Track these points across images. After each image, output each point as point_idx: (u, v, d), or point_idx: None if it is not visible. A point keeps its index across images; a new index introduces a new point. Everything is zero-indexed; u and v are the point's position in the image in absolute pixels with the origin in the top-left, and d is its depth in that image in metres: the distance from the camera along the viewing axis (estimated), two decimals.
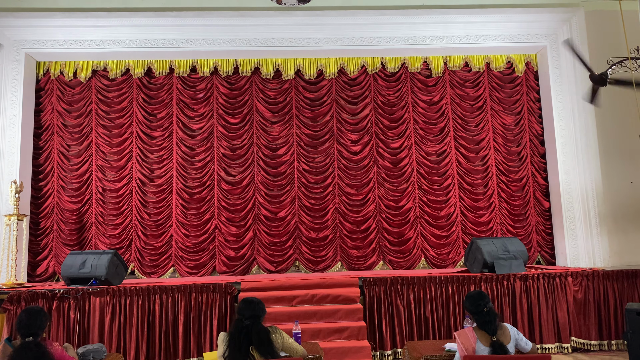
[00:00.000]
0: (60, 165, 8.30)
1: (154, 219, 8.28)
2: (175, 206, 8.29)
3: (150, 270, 8.14)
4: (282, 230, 8.35)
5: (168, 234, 8.26)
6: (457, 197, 8.51)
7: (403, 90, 8.68)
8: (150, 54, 8.25)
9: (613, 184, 7.87)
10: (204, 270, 8.16)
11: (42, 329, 3.70)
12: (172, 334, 6.27)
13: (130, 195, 8.31)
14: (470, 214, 8.49)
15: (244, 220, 8.34)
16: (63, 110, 8.39)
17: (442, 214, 8.47)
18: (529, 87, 8.75)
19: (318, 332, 5.98)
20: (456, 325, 6.41)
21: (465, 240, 8.33)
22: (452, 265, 8.33)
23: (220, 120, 8.50)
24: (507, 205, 8.53)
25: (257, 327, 3.33)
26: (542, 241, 8.47)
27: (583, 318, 6.62)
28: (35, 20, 7.87)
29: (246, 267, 8.20)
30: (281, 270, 8.22)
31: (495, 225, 8.48)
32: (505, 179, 8.56)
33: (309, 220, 8.38)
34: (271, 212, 8.39)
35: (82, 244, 8.16)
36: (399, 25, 8.17)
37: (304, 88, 8.63)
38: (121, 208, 8.28)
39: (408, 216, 8.44)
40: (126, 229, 8.24)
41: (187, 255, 8.20)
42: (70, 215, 8.21)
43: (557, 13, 8.19)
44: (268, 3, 8.12)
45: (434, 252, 8.38)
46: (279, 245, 8.32)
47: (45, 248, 8.12)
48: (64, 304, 6.22)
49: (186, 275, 8.10)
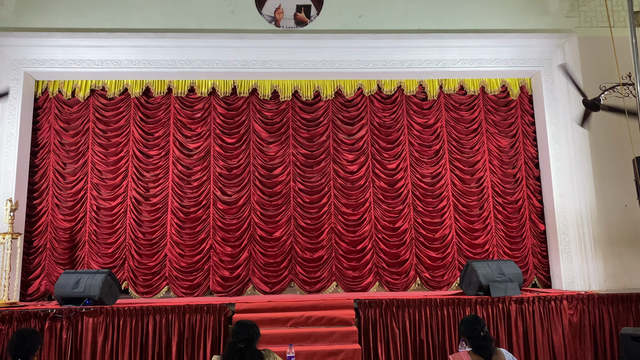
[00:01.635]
0: (55, 183, 8.29)
1: (148, 238, 8.24)
2: (170, 225, 8.27)
3: (144, 290, 8.07)
4: (277, 251, 8.32)
5: (162, 254, 8.21)
6: (452, 218, 8.52)
7: (399, 113, 8.76)
8: (149, 74, 8.31)
9: (607, 207, 7.92)
10: (198, 290, 8.10)
11: (32, 351, 3.63)
12: (165, 356, 6.20)
13: (125, 213, 8.28)
14: (465, 236, 8.49)
15: (239, 240, 8.32)
16: (60, 129, 8.40)
17: (437, 236, 8.48)
18: (524, 110, 8.84)
19: (313, 354, 5.93)
20: (451, 348, 6.38)
21: (461, 262, 8.32)
22: (446, 287, 8.30)
23: (217, 140, 8.54)
24: (503, 227, 8.54)
25: (251, 351, 3.31)
26: (538, 264, 8.46)
27: (579, 342, 6.59)
28: (35, 39, 7.93)
29: (241, 288, 8.15)
30: (276, 292, 8.17)
31: (491, 247, 8.48)
32: (501, 200, 8.59)
33: (305, 240, 8.36)
34: (267, 232, 8.37)
35: (75, 262, 8.09)
36: (395, 49, 8.28)
37: (301, 109, 8.70)
38: (115, 227, 8.24)
39: (404, 237, 8.44)
40: (119, 247, 8.19)
41: (181, 275, 8.14)
42: (64, 233, 8.16)
43: (551, 39, 8.33)
44: (266, 25, 8.25)
45: (429, 274, 8.35)
46: (274, 266, 8.28)
47: (37, 267, 8.05)
48: (56, 324, 6.16)
49: (181, 295, 8.04)
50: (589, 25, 8.42)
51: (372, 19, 8.33)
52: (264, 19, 8.26)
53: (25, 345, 3.60)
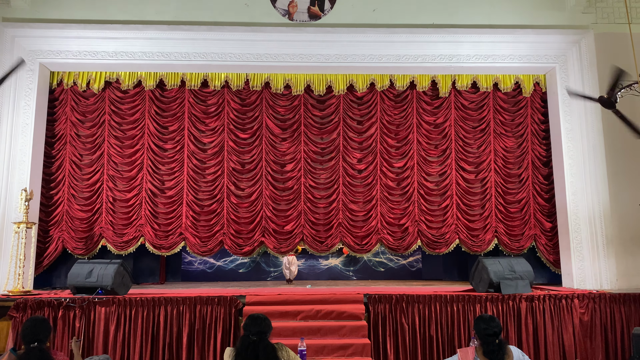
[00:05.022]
0: (71, 174, 8.37)
1: (163, 229, 8.33)
2: (185, 217, 8.35)
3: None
4: (289, 244, 8.44)
5: (178, 245, 8.32)
6: (454, 217, 8.54)
7: (409, 111, 8.73)
8: (162, 66, 8.35)
9: (621, 206, 7.85)
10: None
11: (46, 336, 3.79)
12: (176, 346, 6.27)
13: (140, 205, 8.37)
14: (466, 233, 8.55)
15: (252, 232, 8.39)
16: (76, 121, 8.47)
17: (440, 233, 8.53)
18: (534, 108, 8.75)
19: (322, 348, 5.96)
20: (461, 345, 6.38)
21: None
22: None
23: (231, 135, 8.57)
24: (504, 227, 8.56)
25: (264, 344, 3.34)
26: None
27: (589, 341, 6.56)
28: (50, 31, 7.99)
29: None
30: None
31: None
32: (503, 200, 8.57)
33: (314, 233, 8.43)
34: (278, 225, 8.44)
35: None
36: (409, 44, 8.23)
37: (313, 106, 8.69)
38: (131, 218, 8.33)
39: (407, 234, 8.51)
40: (135, 238, 8.29)
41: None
42: (80, 223, 8.26)
43: (567, 35, 8.23)
44: (280, 19, 8.23)
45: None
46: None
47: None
48: (69, 313, 6.25)
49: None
50: (606, 22, 8.30)
51: (385, 13, 8.28)
52: (278, 13, 8.25)
53: (40, 330, 3.72)
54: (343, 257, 11.54)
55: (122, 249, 8.23)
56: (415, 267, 11.45)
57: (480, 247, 8.45)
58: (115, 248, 8.22)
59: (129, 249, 8.26)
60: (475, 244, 8.46)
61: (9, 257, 7.22)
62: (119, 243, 8.25)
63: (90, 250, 8.21)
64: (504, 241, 8.48)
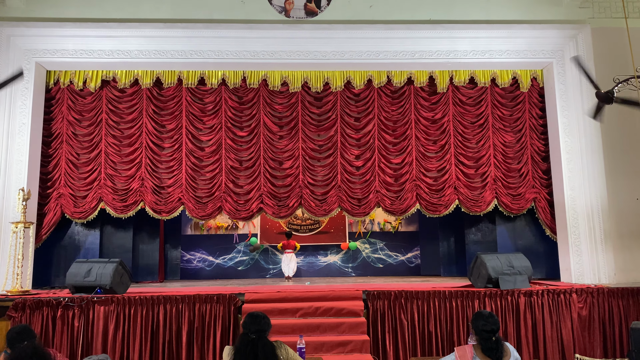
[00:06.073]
0: (68, 173, 8.34)
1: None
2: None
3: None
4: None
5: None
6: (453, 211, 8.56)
7: (406, 107, 8.70)
8: (159, 64, 8.31)
9: (618, 200, 7.86)
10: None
11: (34, 337, 3.86)
12: (176, 345, 6.28)
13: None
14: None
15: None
16: (73, 120, 8.43)
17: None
18: (532, 103, 8.73)
19: (321, 345, 5.97)
20: (459, 340, 6.40)
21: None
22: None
23: (229, 133, 8.54)
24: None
25: (263, 342, 3.34)
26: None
27: (588, 335, 6.59)
28: (46, 29, 7.95)
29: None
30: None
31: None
32: (504, 193, 8.56)
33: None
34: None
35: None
36: (406, 40, 8.21)
37: (310, 103, 8.66)
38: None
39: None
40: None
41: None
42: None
43: (564, 29, 8.22)
44: (276, 16, 8.21)
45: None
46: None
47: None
48: (68, 312, 6.25)
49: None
50: (603, 16, 8.29)
51: (382, 9, 8.25)
52: (274, 9, 8.22)
53: (27, 333, 3.86)
54: (342, 254, 11.56)
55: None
56: (414, 263, 11.48)
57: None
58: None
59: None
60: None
61: (7, 257, 7.20)
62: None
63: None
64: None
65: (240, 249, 11.41)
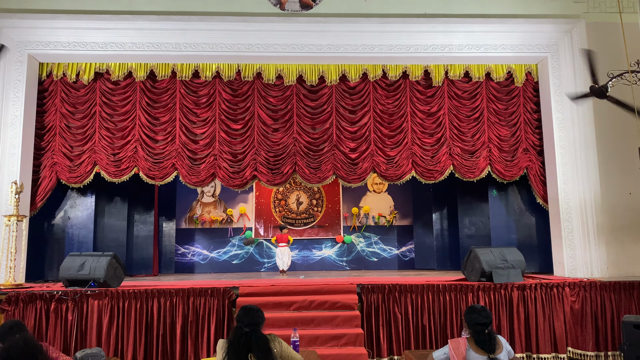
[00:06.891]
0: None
1: None
2: None
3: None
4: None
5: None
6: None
7: (402, 100, 8.69)
8: (152, 57, 8.26)
9: (611, 195, 7.90)
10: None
11: (25, 331, 3.94)
12: (170, 338, 6.27)
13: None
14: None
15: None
16: (67, 112, 8.37)
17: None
18: (526, 98, 8.74)
19: (316, 338, 5.99)
20: (453, 333, 6.43)
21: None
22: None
23: (223, 126, 8.50)
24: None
25: (257, 335, 3.33)
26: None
27: (580, 329, 6.64)
28: (39, 21, 7.88)
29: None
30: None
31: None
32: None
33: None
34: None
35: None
36: (401, 34, 8.20)
37: (305, 96, 8.63)
38: None
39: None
40: None
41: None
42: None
43: (559, 24, 8.23)
44: (271, 9, 8.16)
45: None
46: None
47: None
48: (62, 305, 6.23)
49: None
50: (597, 11, 8.30)
51: (378, 3, 8.23)
52: (269, 2, 8.17)
53: (18, 327, 3.92)
54: (337, 248, 11.57)
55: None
56: (408, 257, 11.51)
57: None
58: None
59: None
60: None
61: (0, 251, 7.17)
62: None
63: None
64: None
65: (235, 242, 11.41)
